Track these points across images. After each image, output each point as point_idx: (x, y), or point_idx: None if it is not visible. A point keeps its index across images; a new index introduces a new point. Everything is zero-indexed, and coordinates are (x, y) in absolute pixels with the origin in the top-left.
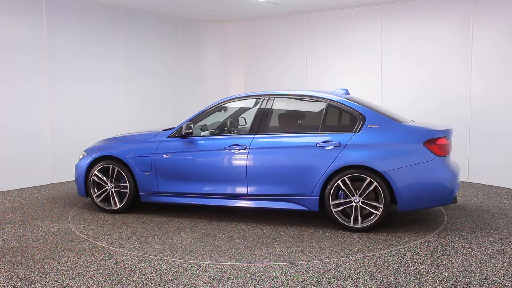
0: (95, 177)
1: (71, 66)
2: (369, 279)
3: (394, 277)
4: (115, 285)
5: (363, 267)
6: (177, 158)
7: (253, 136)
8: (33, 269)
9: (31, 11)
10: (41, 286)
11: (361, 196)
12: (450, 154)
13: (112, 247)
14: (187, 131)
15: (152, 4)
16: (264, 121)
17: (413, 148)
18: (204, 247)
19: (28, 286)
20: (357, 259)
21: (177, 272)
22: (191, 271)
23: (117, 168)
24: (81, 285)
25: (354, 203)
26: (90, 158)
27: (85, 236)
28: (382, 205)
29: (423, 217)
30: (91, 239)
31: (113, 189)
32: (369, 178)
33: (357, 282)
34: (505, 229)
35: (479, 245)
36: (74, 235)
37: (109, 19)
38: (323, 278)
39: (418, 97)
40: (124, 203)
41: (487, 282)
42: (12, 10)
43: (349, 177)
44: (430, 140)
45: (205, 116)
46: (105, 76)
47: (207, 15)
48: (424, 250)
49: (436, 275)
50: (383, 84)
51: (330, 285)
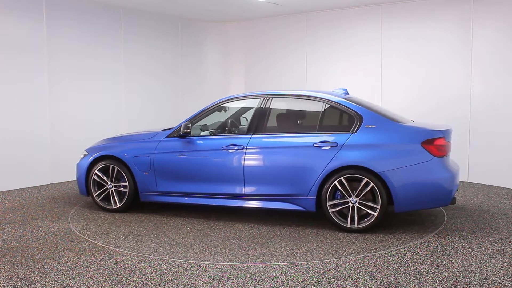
0: (95, 177)
1: (71, 66)
2: (369, 279)
3: (394, 277)
4: (115, 285)
5: (363, 267)
6: (175, 158)
7: (251, 136)
8: (33, 269)
9: (31, 11)
10: (41, 286)
11: (358, 196)
12: (448, 154)
13: (108, 246)
14: (185, 131)
15: (152, 4)
16: (261, 121)
17: (410, 148)
18: (198, 246)
19: (28, 286)
20: (357, 259)
21: (177, 272)
22: (191, 271)
23: (117, 167)
24: (81, 285)
25: (351, 204)
26: (90, 157)
27: (83, 234)
28: (379, 206)
29: (423, 218)
30: (89, 238)
31: (113, 189)
32: (365, 178)
33: (357, 282)
34: (505, 229)
35: (479, 245)
36: (74, 235)
37: (109, 19)
38: (323, 278)
39: (418, 97)
40: (124, 202)
41: (487, 282)
42: (12, 10)
43: (346, 178)
44: (427, 140)
45: (203, 116)
46: (105, 76)
47: (207, 15)
48: (424, 250)
49: (436, 275)
50: (383, 84)
51: (330, 285)
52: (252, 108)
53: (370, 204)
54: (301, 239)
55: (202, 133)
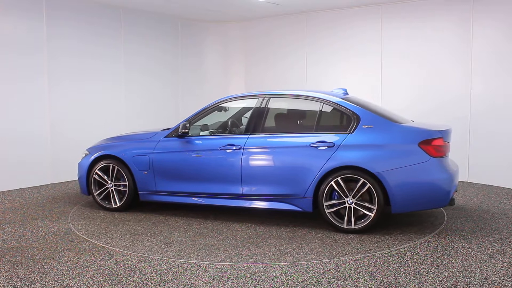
0: (96, 176)
1: (71, 66)
2: (369, 279)
3: (394, 277)
4: (115, 285)
5: (363, 267)
6: (173, 157)
7: (248, 136)
8: (33, 269)
9: (31, 11)
10: (41, 286)
11: (354, 197)
12: (447, 155)
13: (104, 245)
14: (183, 131)
15: (152, 4)
16: (259, 121)
17: (407, 149)
18: (193, 246)
19: (28, 286)
20: (357, 259)
21: (177, 272)
22: (191, 271)
23: (117, 167)
24: (81, 285)
25: (347, 204)
26: (91, 157)
27: (82, 234)
28: (375, 207)
29: (423, 218)
30: (87, 237)
31: (113, 188)
32: (362, 179)
33: (357, 282)
34: (505, 229)
35: (479, 245)
36: (74, 235)
37: (109, 19)
38: (323, 278)
39: (418, 97)
40: (123, 201)
41: (487, 282)
42: (12, 10)
43: (343, 178)
44: (425, 141)
45: (202, 116)
46: (105, 76)
47: (207, 15)
48: (424, 250)
49: (436, 275)
50: (383, 84)
51: (330, 285)
52: (251, 108)
53: (366, 204)
54: (296, 239)
55: (202, 133)
